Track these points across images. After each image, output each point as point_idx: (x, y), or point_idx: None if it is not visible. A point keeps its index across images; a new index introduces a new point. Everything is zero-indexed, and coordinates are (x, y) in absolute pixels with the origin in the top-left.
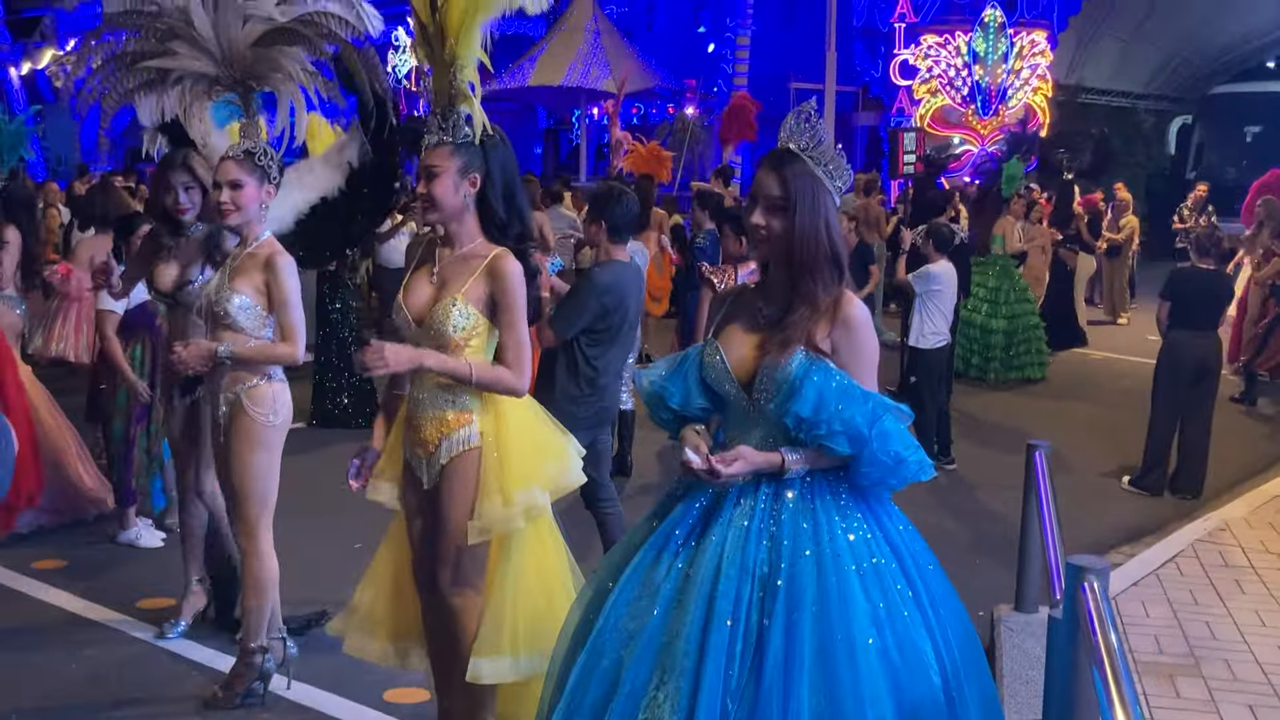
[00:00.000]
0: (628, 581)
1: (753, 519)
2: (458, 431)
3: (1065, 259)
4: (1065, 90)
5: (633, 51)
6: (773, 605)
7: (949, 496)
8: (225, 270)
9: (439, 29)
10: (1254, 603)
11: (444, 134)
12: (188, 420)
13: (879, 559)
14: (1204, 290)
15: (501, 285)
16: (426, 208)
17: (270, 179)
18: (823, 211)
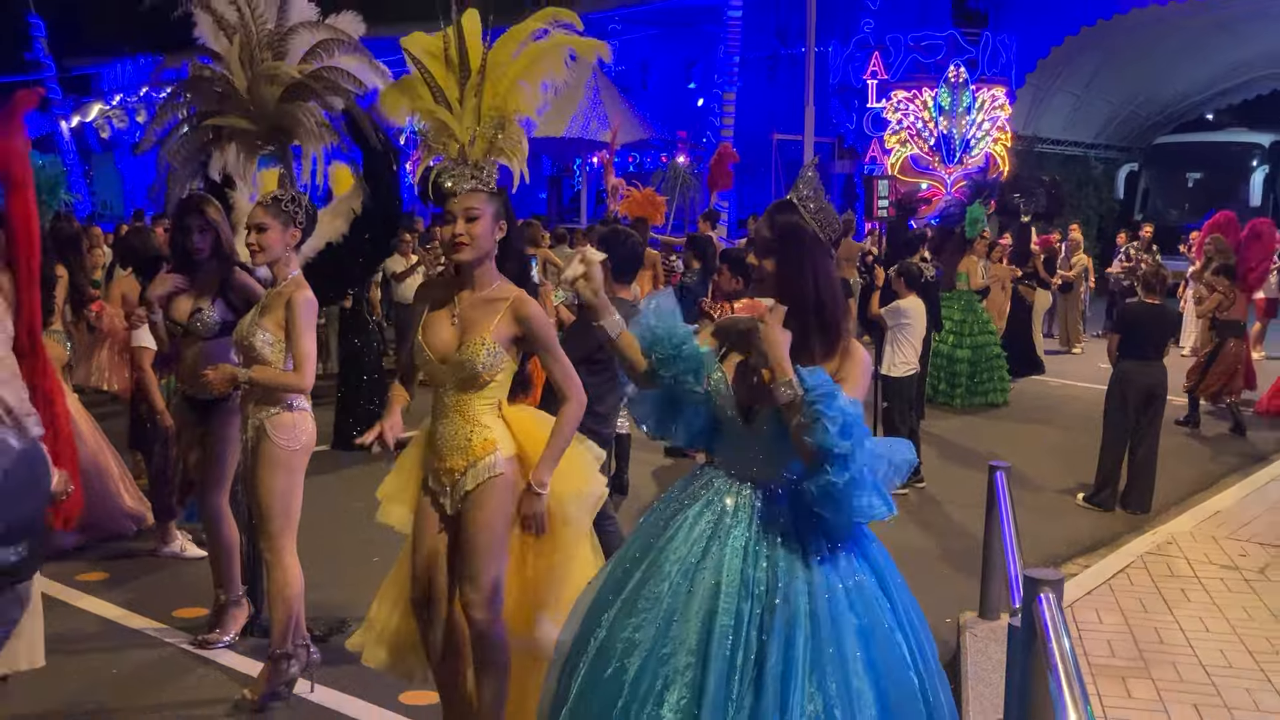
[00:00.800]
0: (631, 594)
1: (749, 540)
2: (484, 459)
3: (1024, 294)
4: (1022, 140)
5: (629, 106)
6: (771, 622)
7: (919, 512)
8: (258, 308)
9: (479, 86)
10: (1198, 610)
11: (478, 181)
12: (201, 446)
13: (860, 576)
14: (1151, 323)
15: (533, 328)
16: (462, 247)
17: (295, 223)
18: (809, 258)
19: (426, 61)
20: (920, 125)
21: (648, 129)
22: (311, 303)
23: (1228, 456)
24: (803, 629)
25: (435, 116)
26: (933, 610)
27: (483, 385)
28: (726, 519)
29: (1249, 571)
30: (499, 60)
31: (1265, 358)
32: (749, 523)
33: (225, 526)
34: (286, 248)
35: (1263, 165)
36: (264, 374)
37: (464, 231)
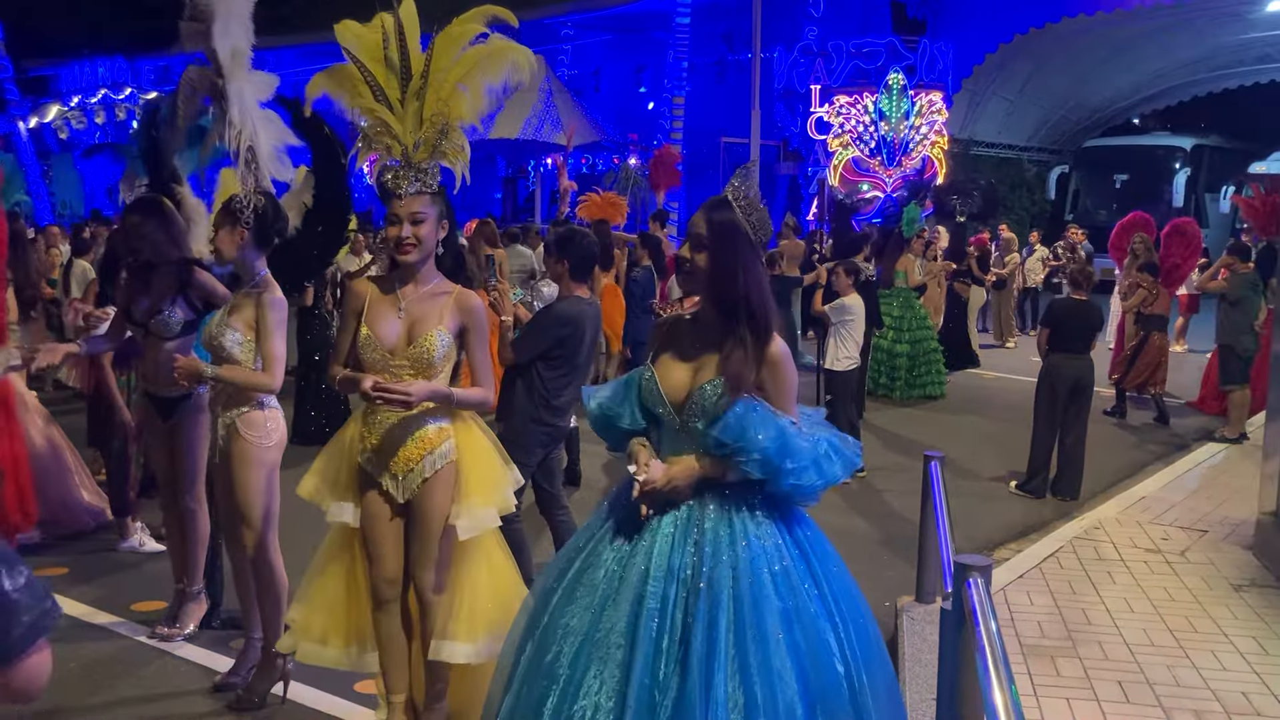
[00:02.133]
0: (571, 582)
1: (678, 526)
2: (440, 447)
3: (959, 291)
4: (959, 143)
5: (581, 109)
6: (695, 605)
7: (860, 501)
8: (227, 307)
9: (421, 90)
10: (1123, 591)
11: (421, 184)
12: (167, 443)
13: (788, 561)
14: (1078, 318)
15: (473, 318)
16: (409, 249)
17: (242, 223)
18: (740, 257)
19: (365, 57)
20: (861, 129)
21: (600, 131)
22: (281, 303)
23: (1152, 445)
24: (726, 612)
25: (376, 115)
26: (872, 595)
27: (434, 376)
28: (658, 506)
29: (1171, 554)
30: (440, 64)
31: (1187, 351)
32: (680, 510)
33: (199, 523)
34: (238, 248)
35: (1185, 168)
36: (231, 372)
37: (410, 235)
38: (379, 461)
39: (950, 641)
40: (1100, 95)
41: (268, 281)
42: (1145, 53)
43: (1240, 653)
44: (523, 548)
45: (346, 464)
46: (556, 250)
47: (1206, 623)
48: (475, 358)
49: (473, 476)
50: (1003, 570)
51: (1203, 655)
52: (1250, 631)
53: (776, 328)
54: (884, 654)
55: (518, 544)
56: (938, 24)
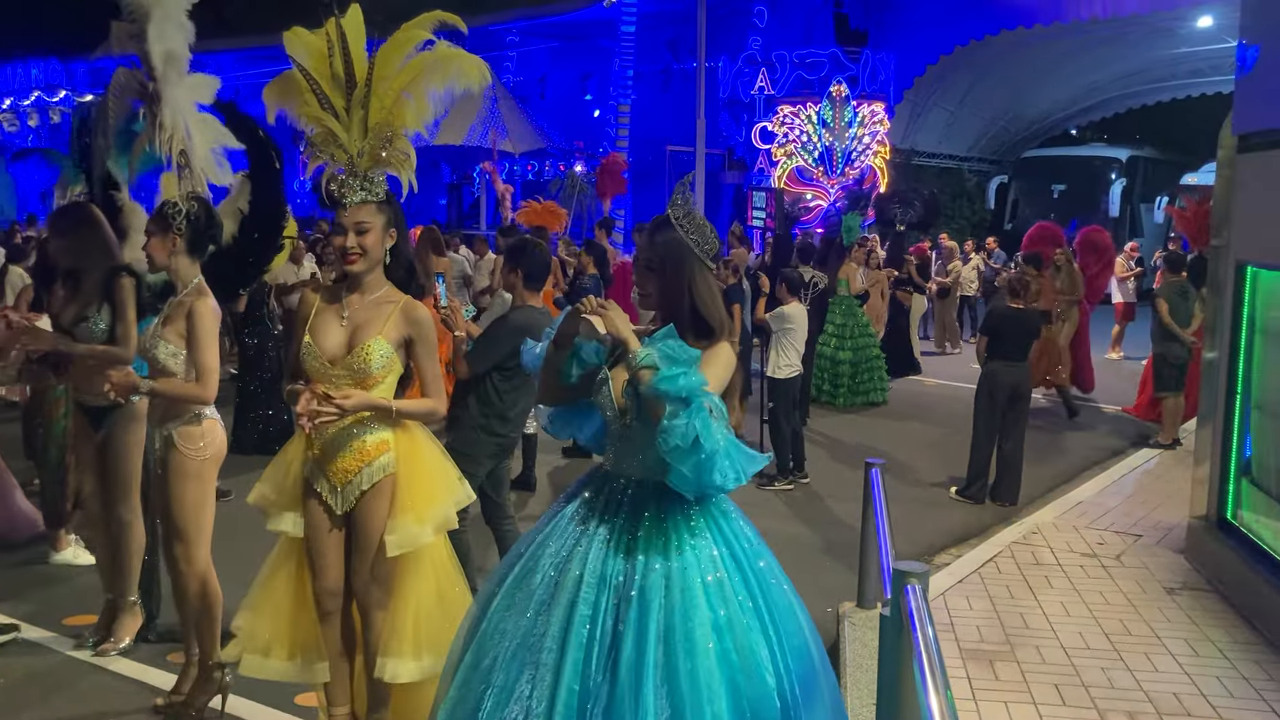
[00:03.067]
0: (510, 587)
1: (613, 534)
2: (378, 459)
3: (901, 299)
4: (900, 153)
5: (527, 116)
6: (627, 612)
7: (803, 507)
8: (160, 317)
9: (365, 98)
10: (1060, 596)
11: (367, 193)
12: (99, 454)
13: (722, 573)
14: (1016, 326)
15: (420, 329)
16: (354, 258)
17: (173, 229)
18: (686, 274)
19: (312, 65)
20: (805, 138)
21: (546, 139)
22: (214, 312)
23: (1089, 451)
24: (656, 620)
25: (323, 124)
26: (814, 601)
27: (373, 386)
28: (597, 514)
29: (1106, 558)
30: (384, 73)
31: (1124, 358)
32: (616, 518)
33: (133, 534)
34: (170, 254)
35: (1120, 178)
36: (165, 385)
37: (355, 244)
38: (319, 472)
39: (889, 647)
40: (1038, 107)
41: (200, 289)
42: (1082, 66)
43: (1172, 654)
44: (467, 558)
45: (293, 473)
46: (510, 260)
47: (1140, 625)
48: (423, 369)
49: (410, 492)
50: (943, 575)
51: (1136, 657)
52: (1182, 634)
53: (729, 335)
54: (825, 667)
55: (462, 553)
56: (879, 35)
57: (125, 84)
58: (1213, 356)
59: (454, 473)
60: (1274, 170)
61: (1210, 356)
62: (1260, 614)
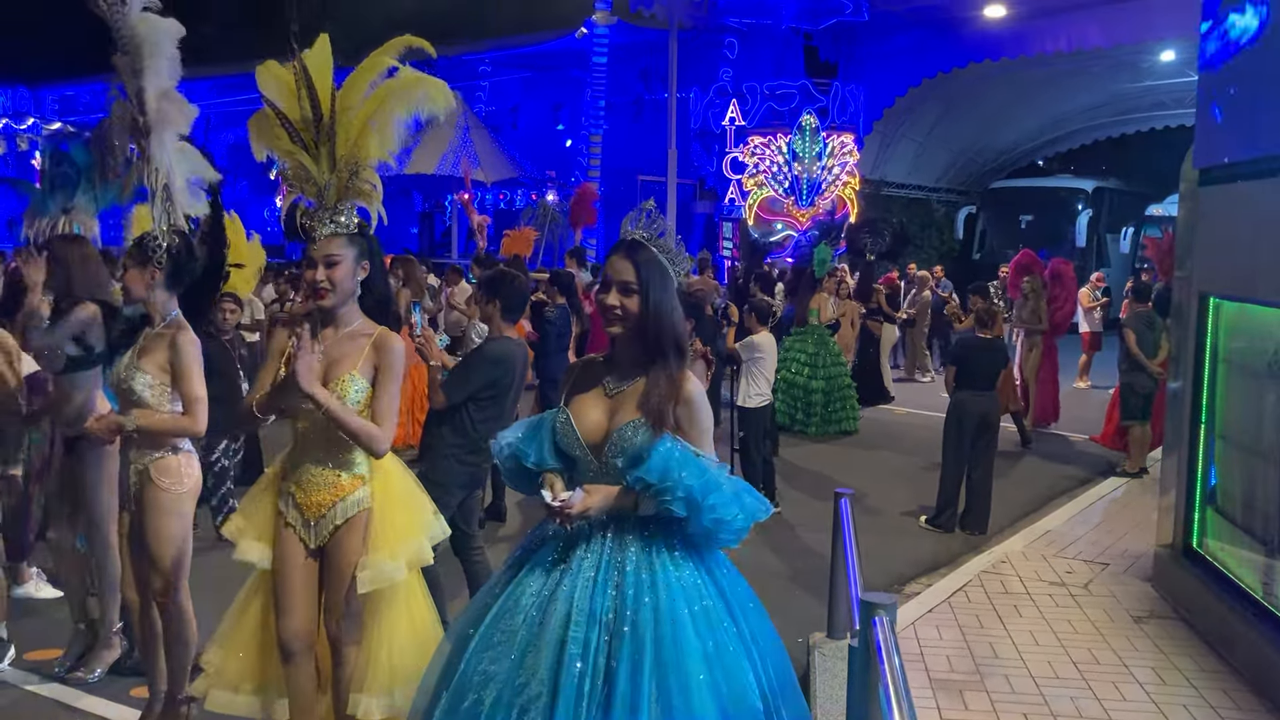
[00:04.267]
0: (488, 628)
1: (599, 570)
2: (352, 494)
3: (871, 329)
4: (870, 184)
5: (498, 145)
6: (619, 648)
7: (773, 536)
8: (135, 349)
9: (330, 131)
10: (1029, 625)
11: (337, 226)
12: (66, 481)
13: (708, 602)
14: (983, 355)
15: (387, 358)
16: (324, 293)
17: (154, 261)
18: (669, 294)
19: (283, 99)
20: (775, 169)
21: (517, 168)
22: (196, 343)
23: (1057, 480)
24: (649, 654)
25: (294, 158)
26: (785, 631)
27: None
28: (579, 551)
29: (1074, 587)
30: (348, 104)
31: (1091, 387)
32: (600, 553)
33: (110, 565)
34: (148, 288)
35: (1087, 209)
36: (153, 421)
37: (324, 278)
38: (293, 504)
39: (858, 679)
40: (1005, 138)
41: (180, 322)
42: (1048, 98)
43: (1139, 683)
44: (437, 587)
45: (267, 505)
46: (487, 291)
47: (1108, 654)
48: (377, 396)
49: (384, 528)
50: (912, 605)
51: (1105, 686)
52: (1149, 662)
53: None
54: (797, 688)
55: (432, 583)
56: (849, 68)
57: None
58: (1177, 386)
59: (429, 507)
60: (1234, 203)
61: (1175, 386)
62: (1227, 642)
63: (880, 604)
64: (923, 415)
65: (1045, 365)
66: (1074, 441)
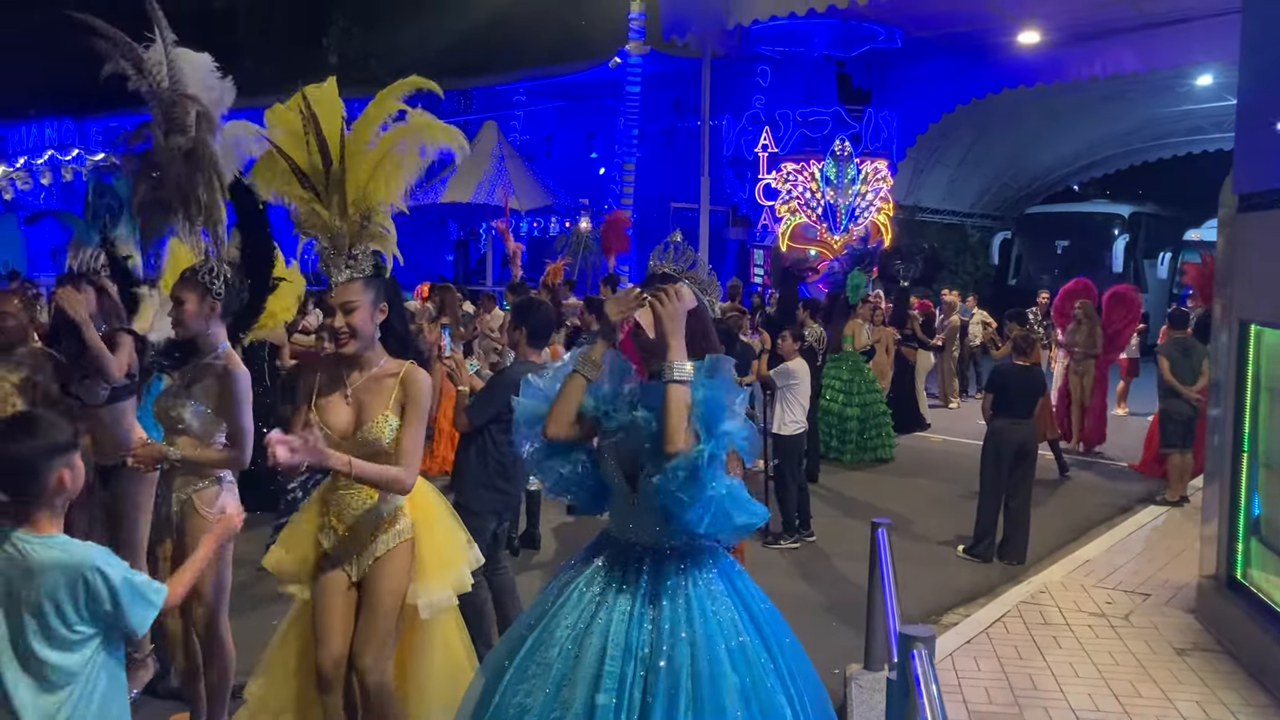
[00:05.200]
0: (524, 659)
1: (635, 604)
2: (394, 527)
3: (906, 355)
4: (904, 210)
5: (533, 174)
6: (655, 683)
7: (808, 565)
8: (183, 379)
9: (340, 178)
10: (1068, 656)
11: (353, 270)
12: (107, 514)
13: (744, 637)
14: (1021, 383)
15: (412, 393)
16: (345, 340)
17: (212, 294)
18: (702, 324)
19: (291, 144)
20: (809, 195)
21: (551, 196)
22: (246, 376)
23: (1096, 508)
24: (685, 690)
25: (306, 203)
26: (821, 662)
27: (386, 458)
28: (615, 584)
29: (1115, 618)
30: (356, 149)
31: (1129, 414)
32: (636, 587)
33: None
34: (206, 319)
35: (1124, 234)
36: (198, 453)
37: (344, 325)
38: (333, 536)
39: (896, 712)
40: (1040, 163)
41: (230, 354)
42: (1083, 123)
43: (1183, 717)
44: (482, 612)
45: (307, 536)
46: (515, 318)
47: (1151, 687)
48: (401, 434)
49: (430, 556)
50: (950, 636)
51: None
52: (1193, 695)
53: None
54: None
55: (477, 610)
56: (882, 94)
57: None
58: (1218, 413)
59: (464, 536)
60: (1275, 230)
61: (1215, 413)
62: (1273, 676)
63: (919, 636)
64: (960, 443)
65: (1097, 390)
66: (1113, 469)
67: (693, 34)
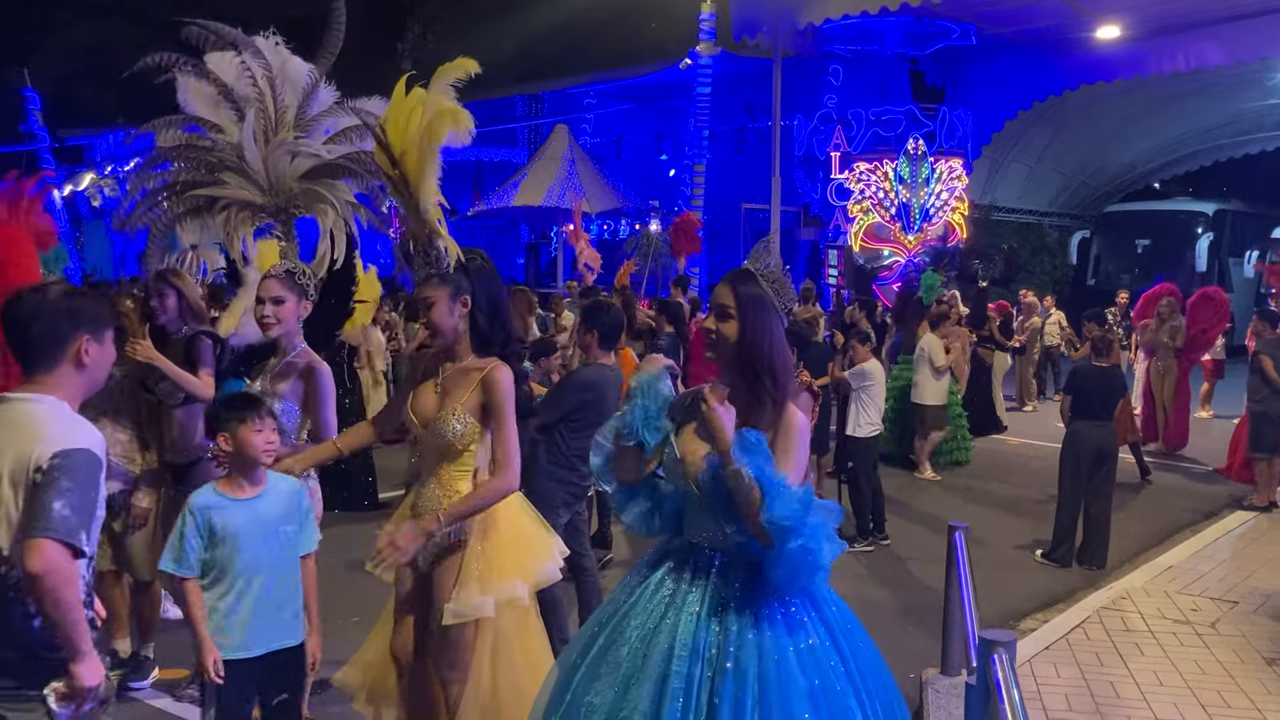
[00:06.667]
0: (594, 660)
1: (703, 605)
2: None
3: (983, 357)
4: (980, 209)
5: (603, 176)
6: (722, 685)
7: (883, 569)
8: (266, 376)
9: (403, 178)
10: (1152, 664)
11: (429, 267)
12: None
13: (814, 639)
14: (1100, 385)
15: (493, 394)
16: (430, 334)
17: (307, 295)
18: (766, 325)
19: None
20: (882, 195)
21: (621, 198)
22: (330, 372)
23: (1179, 513)
24: (752, 692)
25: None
26: (896, 666)
27: (457, 455)
28: (684, 585)
29: (1201, 626)
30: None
31: (1214, 417)
32: (705, 588)
33: None
34: (299, 319)
35: (1207, 232)
36: (308, 459)
37: (425, 320)
38: None
39: (976, 717)
40: (1120, 160)
41: (309, 351)
42: (1165, 118)
43: None
44: (556, 609)
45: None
46: (585, 322)
47: (1239, 697)
48: (496, 437)
49: (479, 562)
50: (1028, 641)
51: None
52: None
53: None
54: None
55: (552, 605)
56: (956, 92)
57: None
58: None
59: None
60: None
61: None
62: None
63: (999, 641)
64: (1037, 445)
65: (1180, 392)
66: (1197, 472)
67: (763, 34)
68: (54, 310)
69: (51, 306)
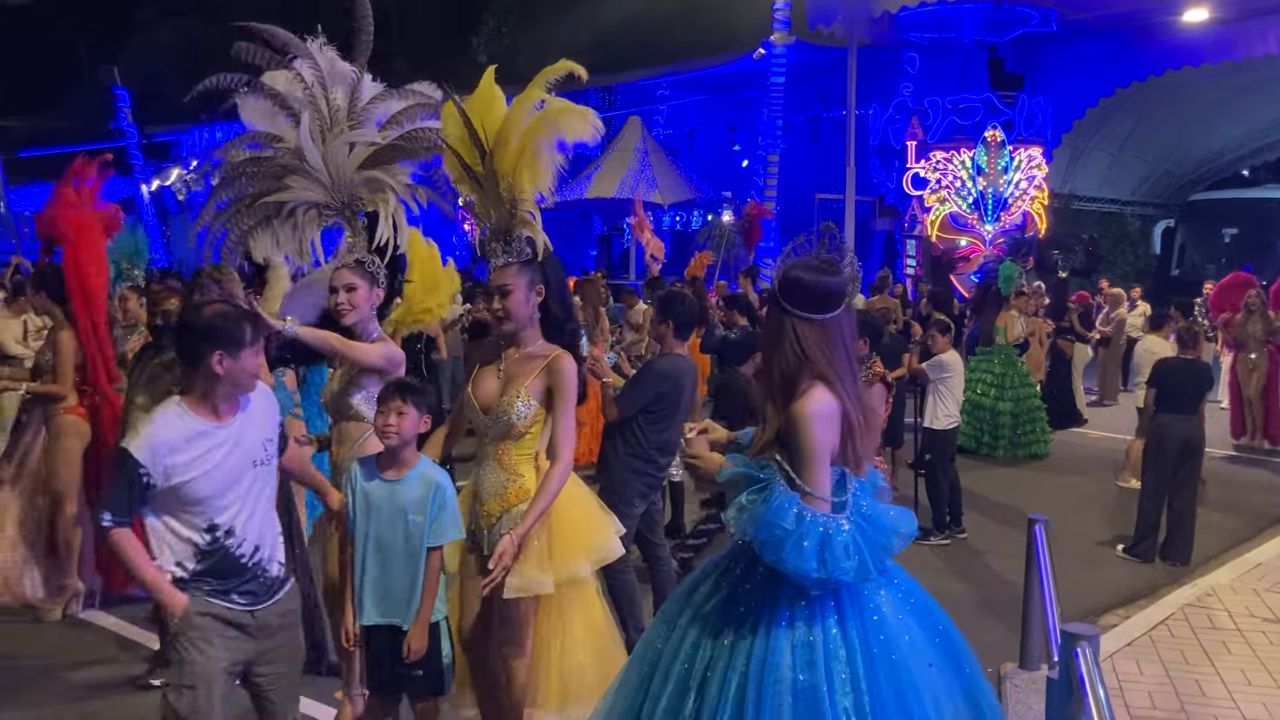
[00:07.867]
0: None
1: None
2: (518, 506)
3: (1063, 348)
4: (1060, 198)
5: (676, 168)
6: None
7: (960, 562)
8: (348, 367)
9: (492, 171)
10: (1240, 663)
11: (509, 255)
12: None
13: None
14: (1186, 377)
15: (559, 382)
16: (502, 319)
17: (378, 283)
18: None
19: (457, 137)
20: (959, 184)
21: (695, 189)
22: (403, 357)
23: (1268, 508)
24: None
25: (470, 191)
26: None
27: (519, 436)
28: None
29: None
30: (504, 140)
31: None
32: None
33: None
34: (372, 307)
35: None
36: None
37: (500, 307)
38: (474, 513)
39: (1057, 712)
40: (1207, 147)
41: (385, 338)
42: (1254, 104)
43: None
44: (633, 599)
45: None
46: (660, 312)
47: None
48: (556, 423)
49: (539, 541)
50: (1110, 637)
51: None
52: None
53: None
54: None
55: (628, 595)
56: (1035, 79)
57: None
58: None
59: (601, 529)
60: None
61: None
62: None
63: (1082, 635)
64: (1119, 439)
65: (1272, 384)
66: None
67: (838, 22)
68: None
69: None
